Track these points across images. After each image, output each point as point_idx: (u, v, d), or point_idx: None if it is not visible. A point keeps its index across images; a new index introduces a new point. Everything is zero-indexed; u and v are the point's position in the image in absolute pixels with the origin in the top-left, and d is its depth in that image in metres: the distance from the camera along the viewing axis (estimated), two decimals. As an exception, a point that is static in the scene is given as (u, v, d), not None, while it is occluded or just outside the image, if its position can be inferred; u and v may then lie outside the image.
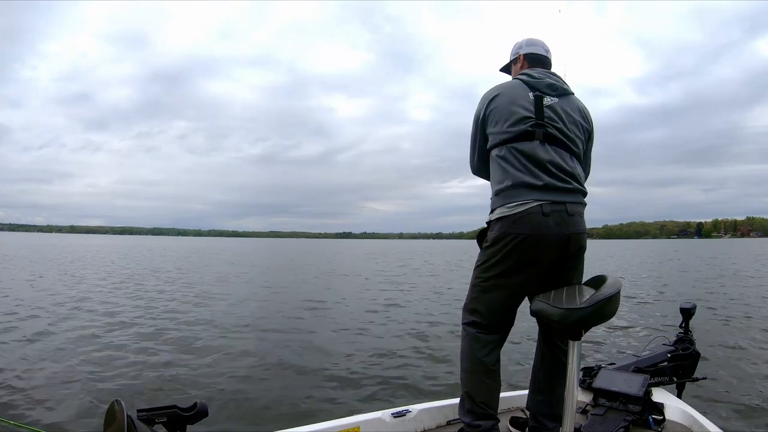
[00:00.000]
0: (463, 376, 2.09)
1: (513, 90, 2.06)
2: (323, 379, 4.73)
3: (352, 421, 2.15)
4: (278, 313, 8.86)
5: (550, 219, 1.88)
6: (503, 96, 2.05)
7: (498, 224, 1.94)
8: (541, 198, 1.89)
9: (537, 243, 1.89)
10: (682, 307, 2.82)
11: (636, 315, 8.53)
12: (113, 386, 4.41)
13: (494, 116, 2.03)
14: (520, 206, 1.89)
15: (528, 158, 1.94)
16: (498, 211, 1.96)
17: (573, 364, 1.72)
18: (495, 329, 2.04)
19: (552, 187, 1.91)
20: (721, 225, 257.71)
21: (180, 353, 5.69)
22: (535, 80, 2.07)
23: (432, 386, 4.55)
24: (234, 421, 3.70)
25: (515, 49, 2.27)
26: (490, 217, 2.00)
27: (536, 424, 2.09)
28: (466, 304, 2.11)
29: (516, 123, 1.98)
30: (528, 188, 1.90)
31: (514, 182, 1.93)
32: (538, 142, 1.96)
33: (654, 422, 2.24)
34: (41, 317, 7.87)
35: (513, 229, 1.89)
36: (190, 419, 1.42)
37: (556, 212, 1.89)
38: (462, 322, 2.11)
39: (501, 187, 1.96)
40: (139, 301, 9.96)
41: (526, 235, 1.88)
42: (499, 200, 1.97)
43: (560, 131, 1.99)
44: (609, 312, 1.69)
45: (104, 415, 1.31)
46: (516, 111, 1.99)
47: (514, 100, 2.01)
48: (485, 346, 2.03)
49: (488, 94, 2.10)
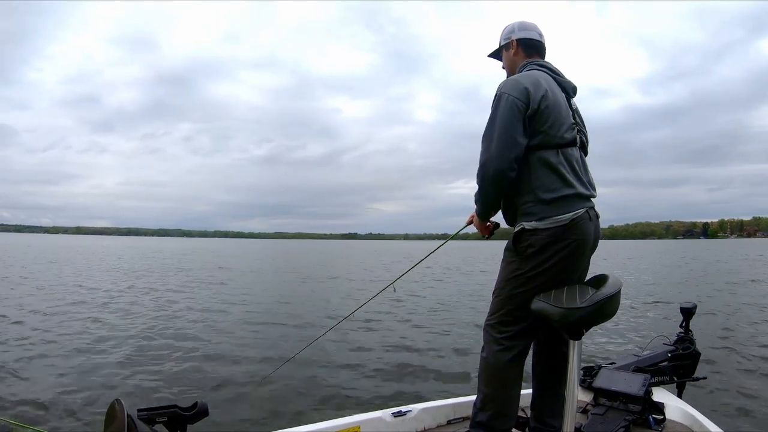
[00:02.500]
0: (490, 391, 1.96)
1: (555, 88, 1.97)
2: (323, 379, 4.74)
3: (353, 420, 2.16)
4: (278, 313, 8.89)
5: (592, 224, 1.92)
6: (552, 94, 1.92)
7: (548, 231, 1.85)
8: (586, 205, 1.91)
9: (584, 247, 1.90)
10: (682, 306, 2.82)
11: (636, 315, 8.52)
12: (114, 386, 4.42)
13: (548, 115, 1.88)
14: (576, 214, 1.86)
15: (578, 166, 1.94)
16: (552, 220, 1.85)
17: (573, 363, 1.73)
18: (530, 340, 1.99)
19: (592, 195, 1.97)
20: (728, 225, 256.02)
21: (180, 353, 5.71)
22: (562, 79, 2.03)
23: (433, 386, 4.56)
24: (234, 420, 3.70)
25: (506, 33, 2.14)
26: (537, 224, 1.86)
27: (538, 424, 2.08)
28: (500, 317, 1.96)
29: (569, 128, 1.93)
30: (580, 198, 1.90)
31: (573, 192, 1.88)
32: (577, 149, 1.97)
33: (654, 422, 2.24)
34: (41, 317, 7.92)
35: (566, 235, 1.84)
36: (190, 419, 1.43)
37: (594, 217, 1.95)
38: (496, 336, 1.96)
39: (557, 195, 1.86)
40: (140, 301, 10.02)
41: (579, 240, 1.87)
42: (552, 209, 1.85)
43: (586, 138, 2.03)
44: (609, 311, 1.70)
45: (105, 415, 1.32)
46: (566, 114, 1.94)
47: (562, 101, 1.95)
48: (521, 362, 1.96)
49: (535, 84, 1.90)
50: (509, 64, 2.15)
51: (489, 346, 1.97)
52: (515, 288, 1.91)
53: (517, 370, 1.95)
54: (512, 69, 2.13)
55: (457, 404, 2.40)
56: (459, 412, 2.38)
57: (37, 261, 23.57)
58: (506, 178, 1.87)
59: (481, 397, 1.99)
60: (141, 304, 9.54)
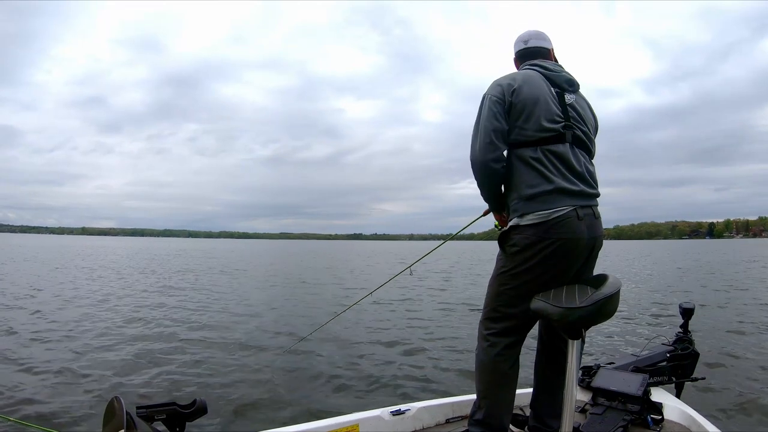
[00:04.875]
0: (483, 388, 1.99)
1: (534, 82, 1.95)
2: (322, 378, 4.73)
3: (352, 419, 2.17)
4: (279, 314, 8.87)
5: (583, 223, 1.87)
6: (527, 87, 1.92)
7: (531, 229, 1.85)
8: (575, 203, 1.86)
9: (573, 247, 1.86)
10: (681, 306, 2.81)
11: (636, 315, 8.47)
12: (113, 383, 4.44)
13: (521, 109, 1.90)
14: (558, 211, 1.83)
15: (563, 163, 1.89)
16: (531, 216, 1.85)
17: (572, 363, 1.72)
18: (518, 337, 1.97)
19: (584, 192, 1.91)
20: (733, 225, 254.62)
21: (180, 351, 5.73)
22: (553, 74, 2.00)
23: (432, 385, 4.55)
24: (233, 418, 3.71)
25: (519, 43, 2.18)
26: (519, 221, 1.88)
27: (537, 423, 2.09)
28: (488, 314, 2.00)
29: (548, 122, 1.89)
30: (566, 194, 1.86)
31: (554, 188, 1.85)
32: (569, 145, 1.92)
33: (653, 422, 2.24)
34: (41, 317, 7.93)
35: (550, 234, 1.82)
36: (189, 416, 1.44)
37: (588, 216, 1.89)
38: (484, 332, 1.99)
39: (536, 191, 1.86)
40: (141, 301, 10.07)
41: (564, 239, 1.83)
42: (532, 205, 1.86)
43: (584, 133, 1.98)
44: (608, 311, 1.69)
45: (103, 412, 1.33)
46: (546, 108, 1.90)
47: (541, 95, 1.92)
48: (509, 358, 1.95)
49: (508, 81, 1.95)
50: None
51: (479, 343, 2.01)
52: (501, 285, 1.95)
53: (507, 366, 1.95)
54: None
55: (456, 403, 2.40)
56: (458, 411, 2.38)
57: (40, 263, 23.65)
58: (492, 170, 1.92)
59: (477, 395, 2.02)
60: (141, 304, 9.57)
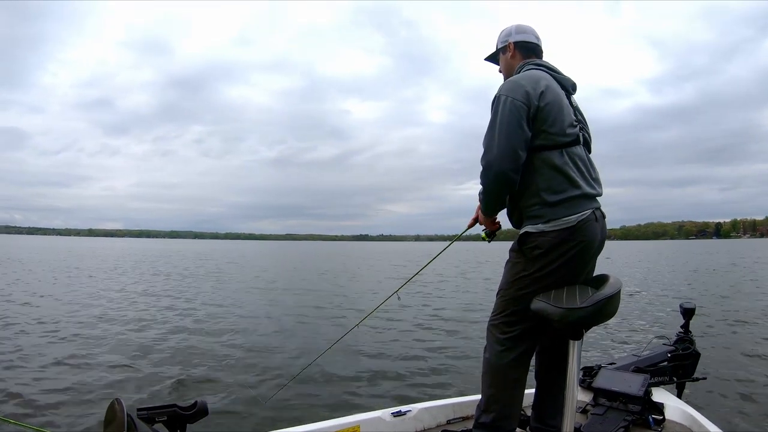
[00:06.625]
0: (492, 393, 1.94)
1: (553, 85, 1.92)
2: (323, 379, 4.75)
3: (352, 420, 2.17)
4: (279, 313, 8.91)
5: (598, 225, 1.89)
6: (551, 92, 1.88)
7: (554, 233, 1.82)
8: (593, 205, 1.88)
9: (590, 249, 1.88)
10: (682, 306, 2.80)
11: (636, 314, 8.46)
12: (113, 385, 4.46)
13: (548, 114, 1.84)
14: (583, 215, 1.83)
15: (584, 165, 1.90)
16: (558, 222, 1.81)
17: (573, 363, 1.73)
18: (533, 341, 1.96)
19: (599, 194, 1.93)
20: (740, 225, 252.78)
21: (180, 352, 5.76)
22: (560, 76, 2.00)
23: (432, 385, 4.57)
24: (234, 420, 3.73)
25: (503, 36, 2.14)
26: (544, 227, 1.83)
27: (539, 423, 2.08)
28: (503, 318, 1.95)
29: (569, 127, 1.88)
30: (586, 198, 1.87)
31: (580, 193, 1.85)
32: (582, 147, 1.92)
33: (654, 422, 2.24)
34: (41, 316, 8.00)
35: (575, 236, 1.81)
36: (190, 418, 1.43)
37: (601, 218, 1.92)
38: (499, 337, 1.94)
39: (563, 197, 1.83)
40: (142, 301, 10.14)
41: (586, 241, 1.84)
42: (559, 210, 1.82)
43: (589, 135, 2.00)
44: (609, 312, 1.69)
45: (104, 414, 1.34)
46: (567, 112, 1.90)
47: (562, 99, 1.91)
48: (522, 363, 1.93)
49: (532, 84, 1.86)
50: (506, 67, 2.14)
51: (492, 347, 1.95)
52: (520, 289, 1.89)
53: (521, 371, 1.93)
54: (509, 72, 2.11)
55: (457, 404, 2.40)
56: (459, 412, 2.38)
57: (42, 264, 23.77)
58: (510, 179, 1.83)
59: (484, 399, 1.95)
60: (141, 304, 9.63)
